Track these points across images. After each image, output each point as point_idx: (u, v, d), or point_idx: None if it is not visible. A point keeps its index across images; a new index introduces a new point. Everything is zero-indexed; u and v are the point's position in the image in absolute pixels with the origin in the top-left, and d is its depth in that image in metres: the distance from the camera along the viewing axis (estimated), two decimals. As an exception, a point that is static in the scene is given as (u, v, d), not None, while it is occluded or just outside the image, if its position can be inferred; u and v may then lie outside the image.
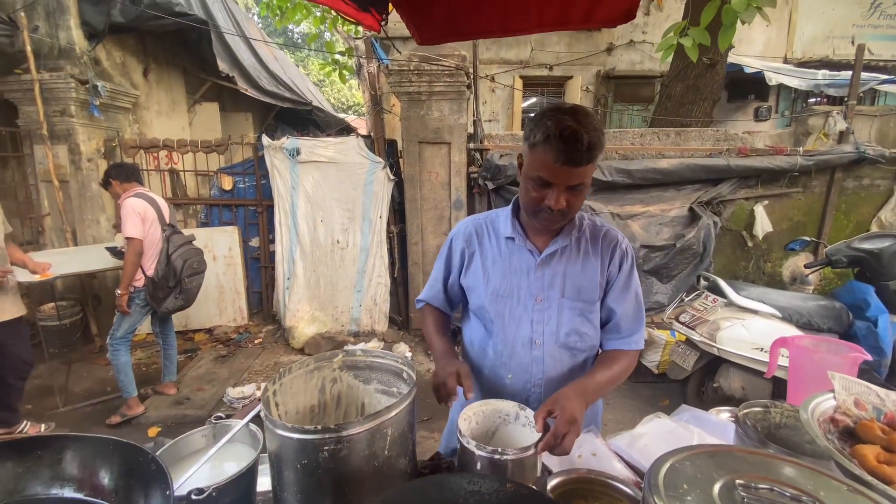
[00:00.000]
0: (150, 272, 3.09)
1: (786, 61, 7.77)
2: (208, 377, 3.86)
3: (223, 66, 6.16)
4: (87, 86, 4.13)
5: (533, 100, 8.86)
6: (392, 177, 4.34)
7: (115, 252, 3.51)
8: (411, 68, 3.89)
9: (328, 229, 4.41)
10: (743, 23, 2.55)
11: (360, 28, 5.63)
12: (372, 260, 4.40)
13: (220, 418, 0.99)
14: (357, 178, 4.35)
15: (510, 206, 1.20)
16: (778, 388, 2.65)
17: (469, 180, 4.35)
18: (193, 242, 3.36)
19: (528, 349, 1.17)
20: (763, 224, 4.33)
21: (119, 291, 3.01)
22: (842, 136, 4.36)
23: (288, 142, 4.36)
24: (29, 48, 3.76)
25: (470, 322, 1.28)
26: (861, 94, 6.54)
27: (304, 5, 5.94)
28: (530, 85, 8.51)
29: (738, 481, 0.57)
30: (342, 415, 1.08)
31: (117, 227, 4.33)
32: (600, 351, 1.25)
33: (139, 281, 3.07)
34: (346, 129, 8.62)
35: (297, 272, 4.44)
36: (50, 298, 4.22)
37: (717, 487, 0.57)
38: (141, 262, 3.06)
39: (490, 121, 8.36)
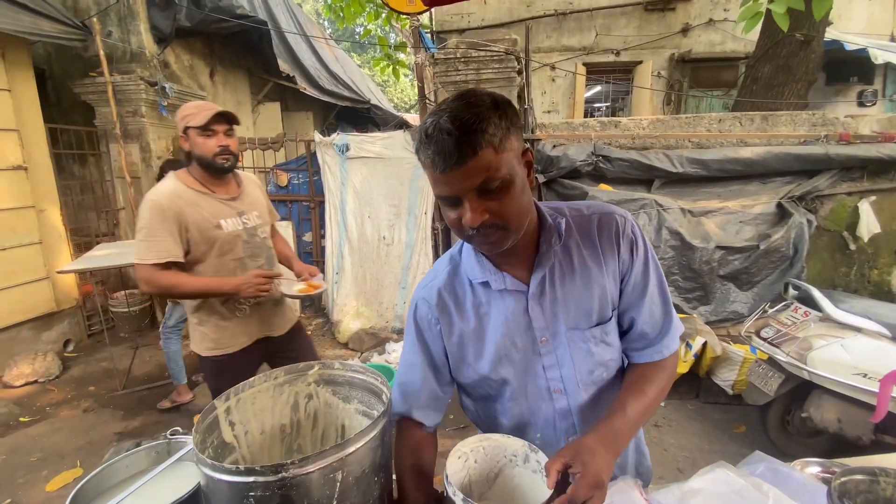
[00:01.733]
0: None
1: (893, 39, 6.64)
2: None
3: (284, 66, 6.39)
4: (156, 87, 4.39)
5: (598, 88, 8.32)
6: (438, 171, 4.19)
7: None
8: (458, 56, 3.71)
9: (375, 225, 4.37)
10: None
11: (408, 20, 5.54)
12: (416, 256, 4.29)
13: (177, 432, 0.87)
14: (403, 173, 4.25)
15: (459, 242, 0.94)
16: (885, 423, 2.15)
17: (519, 174, 4.08)
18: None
19: (550, 402, 0.90)
20: (869, 224, 3.65)
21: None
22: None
23: (338, 138, 4.36)
24: (102, 52, 4.06)
25: (466, 393, 1.00)
26: None
27: (357, 1, 5.98)
28: (594, 72, 7.98)
29: None
30: (319, 437, 0.93)
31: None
32: (626, 363, 0.97)
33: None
34: (399, 126, 8.63)
35: (345, 267, 4.44)
36: (122, 286, 4.55)
37: None
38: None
39: (549, 111, 7.96)
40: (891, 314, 2.38)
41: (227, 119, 1.69)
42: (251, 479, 0.59)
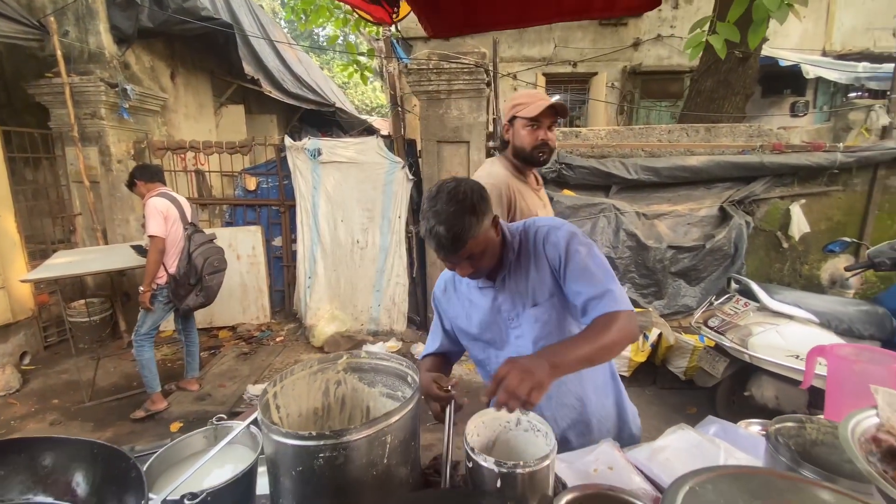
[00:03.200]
0: (172, 270, 3.15)
1: (824, 54, 7.41)
2: (230, 374, 3.93)
3: (248, 69, 6.29)
4: (117, 89, 4.26)
5: (556, 97, 8.72)
6: (411, 176, 4.32)
7: (140, 250, 3.60)
8: (430, 67, 3.86)
9: (348, 229, 4.43)
10: (775, 20, 2.43)
11: (380, 29, 5.65)
12: (391, 260, 4.40)
13: (222, 419, 0.97)
14: (376, 178, 4.35)
15: None
16: (815, 398, 2.49)
17: (488, 179, 4.28)
18: (215, 241, 3.42)
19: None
20: (800, 224, 4.11)
21: (142, 288, 3.08)
22: (885, 132, 4.11)
23: (309, 142, 4.40)
24: (59, 52, 3.91)
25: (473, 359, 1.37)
26: (907, 87, 6.15)
27: (327, 8, 6.01)
28: (554, 82, 8.37)
29: (767, 511, 0.50)
30: (346, 418, 1.05)
31: (145, 226, 4.47)
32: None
33: (162, 278, 3.14)
34: (368, 131, 8.67)
35: (317, 271, 4.47)
36: (80, 295, 4.37)
37: (742, 516, 0.51)
38: (163, 259, 3.13)
39: (512, 120, 8.26)
40: (819, 303, 2.74)
41: (556, 112, 1.63)
42: (321, 442, 0.71)
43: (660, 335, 3.42)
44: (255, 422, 0.97)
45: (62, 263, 3.50)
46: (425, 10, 1.19)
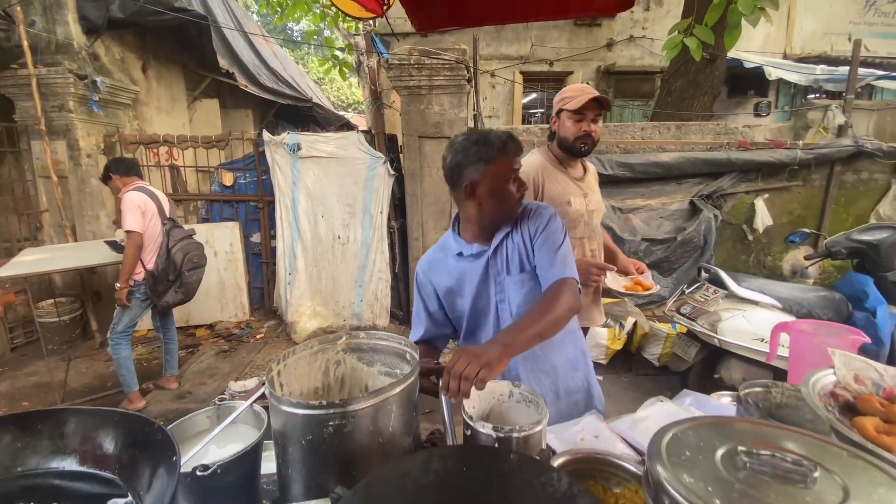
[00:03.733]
0: (150, 266, 3.09)
1: (785, 57, 7.78)
2: (210, 372, 3.87)
3: (223, 62, 6.16)
4: (86, 81, 4.12)
5: (533, 95, 8.86)
6: (392, 172, 4.34)
7: (115, 246, 3.51)
8: (411, 62, 3.89)
9: (329, 224, 4.42)
10: (749, 24, 2.57)
11: (360, 24, 5.63)
12: (373, 255, 4.41)
13: (224, 400, 0.99)
14: (358, 173, 4.35)
15: (451, 225, 1.39)
16: (778, 378, 2.66)
17: (469, 175, 4.34)
18: (194, 237, 3.36)
19: (496, 329, 1.31)
20: (763, 217, 4.34)
21: (119, 285, 3.01)
22: (840, 130, 4.37)
23: (288, 137, 4.36)
24: (25, 43, 3.76)
25: (461, 333, 1.42)
26: (859, 90, 6.53)
27: (304, 2, 5.94)
28: (531, 80, 8.50)
29: (740, 448, 0.57)
30: (346, 397, 1.08)
31: (117, 223, 4.33)
32: None
33: (139, 274, 3.08)
34: (346, 126, 8.60)
35: (298, 267, 4.44)
36: (49, 295, 4.22)
37: (719, 454, 0.58)
38: (141, 255, 3.07)
39: (490, 117, 8.35)
40: (781, 290, 2.92)
41: (600, 104, 1.70)
42: (331, 411, 0.75)
43: (635, 324, 3.56)
44: (256, 402, 1.00)
45: (30, 261, 3.37)
46: (413, 4, 1.23)
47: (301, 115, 9.34)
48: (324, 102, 10.95)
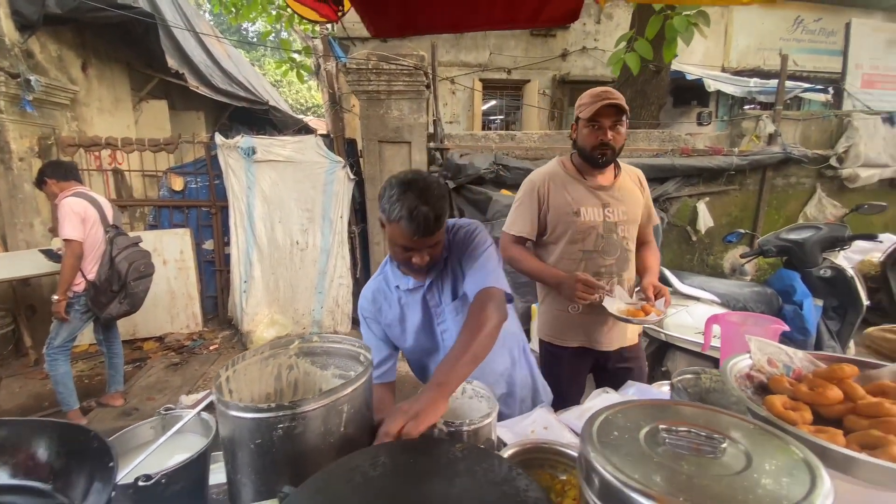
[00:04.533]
0: (92, 276, 2.92)
1: (723, 70, 8.34)
2: (159, 386, 3.69)
3: (172, 61, 5.92)
4: (19, 80, 3.86)
5: (493, 102, 9.04)
6: (352, 176, 4.32)
7: (52, 255, 3.30)
8: (370, 67, 3.89)
9: (287, 230, 4.33)
10: (683, 42, 2.77)
11: (317, 27, 5.56)
12: (333, 261, 4.35)
13: (170, 409, 0.97)
14: (316, 177, 4.29)
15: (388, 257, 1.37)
16: (717, 367, 2.84)
17: (429, 180, 4.38)
18: (140, 245, 3.21)
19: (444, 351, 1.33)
20: (705, 219, 4.62)
21: (56, 297, 2.83)
22: (771, 139, 4.73)
23: (243, 140, 4.24)
24: (-50, 37, 3.48)
25: (407, 359, 1.44)
26: (788, 101, 7.11)
27: (259, 2, 5.81)
28: (490, 87, 8.67)
29: (660, 426, 0.63)
30: (299, 401, 1.08)
31: (54, 230, 4.06)
32: None
33: (79, 285, 2.90)
34: (304, 130, 8.45)
35: (254, 275, 4.31)
36: (-24, 308, 3.89)
37: (643, 432, 0.63)
38: (81, 265, 2.90)
39: (451, 122, 8.45)
40: (720, 287, 3.12)
41: (616, 110, 1.57)
42: (280, 413, 0.75)
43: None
44: (204, 411, 0.98)
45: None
46: (368, 10, 1.25)
47: (257, 118, 9.09)
48: (281, 105, 10.71)
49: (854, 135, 4.91)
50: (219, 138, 4.27)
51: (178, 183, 4.65)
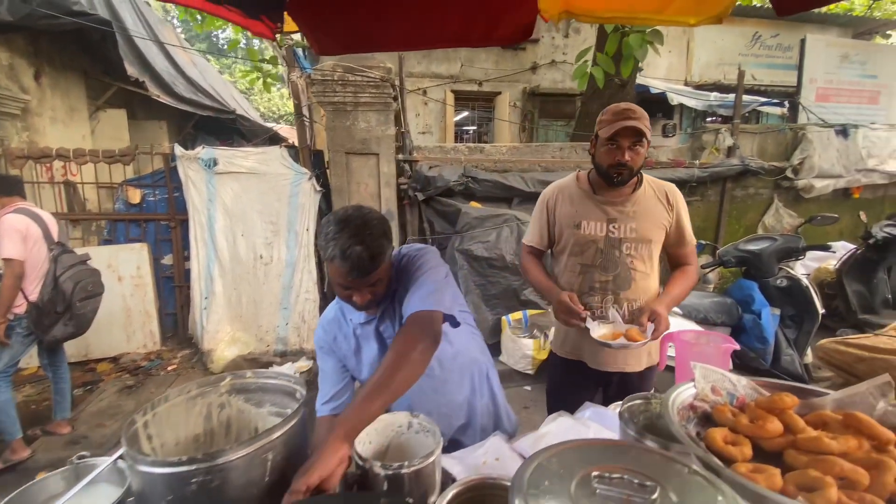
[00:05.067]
0: (34, 297, 2.75)
1: (686, 84, 8.64)
2: (111, 412, 3.49)
3: (132, 70, 5.73)
4: (-41, 88, 3.64)
5: (465, 113, 9.10)
6: (319, 188, 4.23)
7: (-9, 275, 3.09)
8: (335, 78, 3.84)
9: (250, 244, 4.19)
10: (637, 59, 2.86)
11: (283, 36, 5.48)
12: (299, 275, 4.24)
13: (84, 457, 0.88)
14: (281, 189, 4.18)
15: None
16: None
17: (399, 192, 4.35)
18: (88, 262, 3.04)
19: None
20: (670, 230, 4.70)
21: (-6, 320, 2.64)
22: (730, 151, 4.90)
23: (203, 152, 4.11)
24: None
25: None
26: (746, 114, 7.40)
27: (222, 10, 5.68)
28: (462, 99, 8.73)
29: (594, 473, 0.59)
30: (233, 442, 1.01)
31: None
32: None
33: (20, 307, 2.73)
34: (274, 139, 8.29)
35: (215, 290, 4.15)
36: None
37: (575, 481, 0.60)
38: (22, 285, 2.72)
39: (424, 133, 8.45)
40: (681, 298, 3.18)
41: (635, 131, 1.52)
42: (194, 467, 0.69)
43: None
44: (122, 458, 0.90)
45: None
46: (311, 28, 1.20)
47: (224, 127, 8.88)
48: (250, 114, 10.50)
49: (808, 147, 5.13)
50: (178, 149, 4.12)
51: (135, 196, 4.46)
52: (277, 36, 1.07)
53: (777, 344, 3.10)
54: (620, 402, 1.40)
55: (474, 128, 9.29)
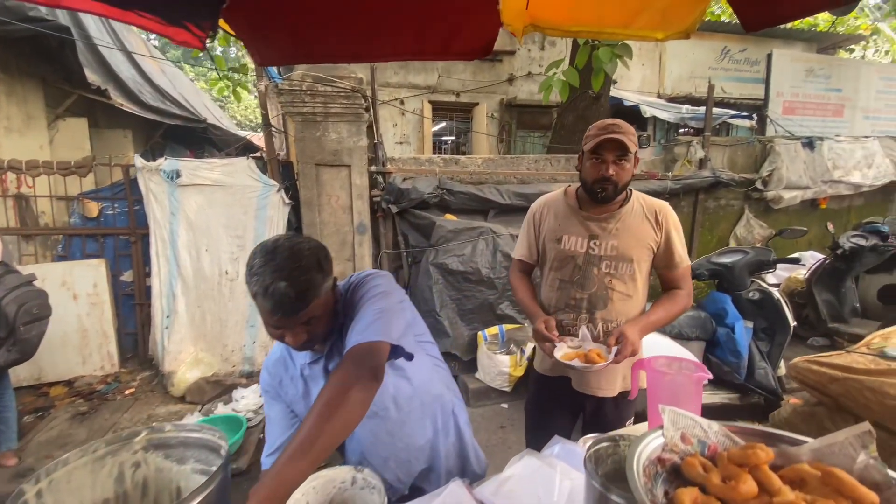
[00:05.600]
0: (-31, 321, 2.54)
1: (659, 96, 8.80)
2: (61, 441, 3.25)
3: (93, 77, 5.51)
4: None
5: (443, 124, 9.07)
6: (288, 200, 4.09)
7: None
8: (304, 88, 3.73)
9: (215, 259, 4.01)
10: (606, 73, 2.86)
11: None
12: (267, 291, 4.07)
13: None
14: (248, 202, 4.03)
15: None
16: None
17: (372, 204, 4.24)
18: (34, 283, 2.84)
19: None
20: (645, 242, 4.72)
21: (-78, 348, 2.42)
22: (701, 163, 4.96)
23: (166, 163, 3.93)
24: None
25: None
26: (717, 126, 7.57)
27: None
28: (439, 110, 8.69)
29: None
30: (151, 504, 0.88)
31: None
32: None
33: (-47, 333, 2.51)
34: (250, 148, 8.07)
35: (177, 308, 3.95)
36: None
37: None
38: (-44, 309, 2.51)
39: (401, 143, 8.37)
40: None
41: (620, 145, 1.46)
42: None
43: (534, 349, 3.62)
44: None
45: None
46: (250, 37, 1.11)
47: (195, 136, 8.63)
48: (223, 123, 10.27)
49: (777, 159, 5.24)
50: (139, 160, 3.93)
51: (92, 209, 4.23)
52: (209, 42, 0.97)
53: (751, 357, 3.09)
54: (592, 436, 1.33)
55: (453, 138, 9.26)
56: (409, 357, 1.07)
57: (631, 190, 1.64)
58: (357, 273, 1.20)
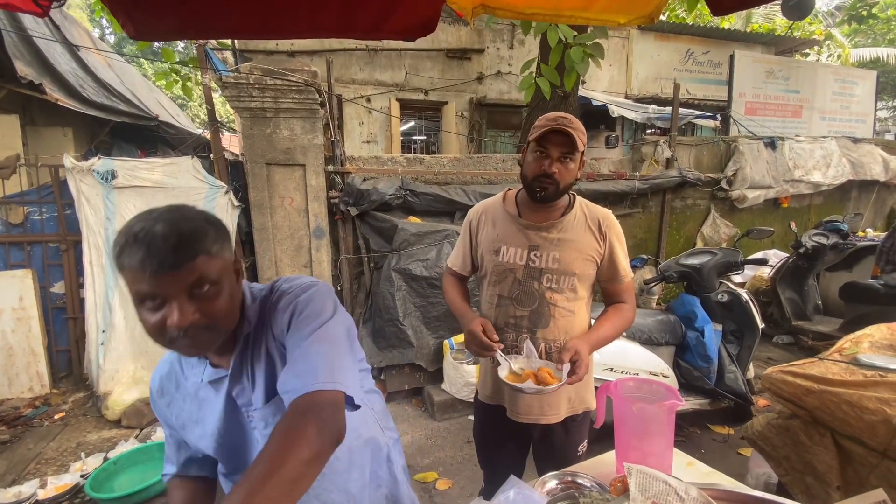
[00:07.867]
0: None
1: (626, 97, 8.85)
2: (-27, 475, 2.87)
3: (26, 70, 5.05)
4: None
5: (412, 123, 8.85)
6: (237, 203, 3.80)
7: None
8: (251, 82, 3.45)
9: (157, 268, 3.68)
10: (578, 73, 2.76)
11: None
12: (216, 301, 3.76)
13: None
14: (193, 205, 3.70)
15: None
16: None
17: (330, 206, 3.99)
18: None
19: None
20: (613, 243, 4.65)
21: None
22: (668, 163, 4.92)
23: (99, 163, 3.58)
24: None
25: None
26: (683, 126, 7.63)
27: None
28: (407, 108, 8.47)
29: None
30: None
31: None
32: None
33: None
34: (205, 146, 7.64)
35: (115, 322, 3.60)
36: None
37: None
38: None
39: (369, 142, 8.10)
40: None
41: (568, 140, 1.31)
42: None
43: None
44: None
45: None
46: (124, 5, 0.88)
47: (146, 134, 8.13)
48: (178, 120, 9.74)
49: (740, 159, 5.27)
50: (68, 160, 3.56)
51: (17, 214, 3.82)
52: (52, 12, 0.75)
53: (720, 361, 3.01)
54: (553, 473, 1.16)
55: (423, 138, 9.05)
56: (356, 408, 0.84)
57: (574, 195, 1.51)
58: (284, 279, 0.97)
